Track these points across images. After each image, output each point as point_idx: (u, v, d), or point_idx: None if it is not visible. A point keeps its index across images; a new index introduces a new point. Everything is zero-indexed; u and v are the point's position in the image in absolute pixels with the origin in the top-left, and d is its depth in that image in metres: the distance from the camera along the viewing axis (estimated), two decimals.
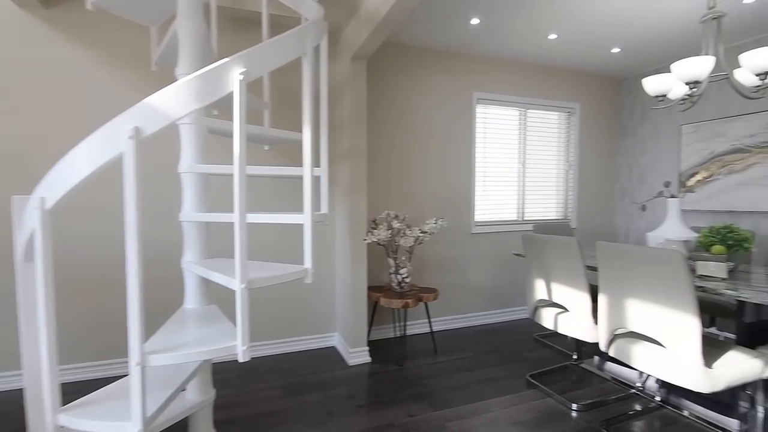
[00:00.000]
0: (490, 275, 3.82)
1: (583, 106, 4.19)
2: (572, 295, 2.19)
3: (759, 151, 3.16)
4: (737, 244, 2.15)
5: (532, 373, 2.64)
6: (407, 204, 3.45)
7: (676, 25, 2.96)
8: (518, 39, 3.25)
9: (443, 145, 3.56)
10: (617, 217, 4.43)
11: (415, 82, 3.42)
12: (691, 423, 2.06)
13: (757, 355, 1.70)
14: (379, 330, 3.36)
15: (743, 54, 1.96)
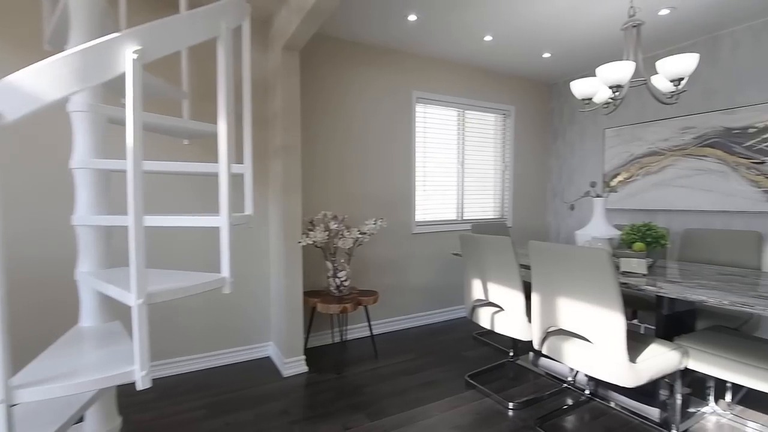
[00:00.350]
0: (431, 275, 3.81)
1: (518, 108, 4.33)
2: (507, 294, 2.20)
3: (671, 154, 3.43)
4: (655, 240, 2.28)
5: (470, 374, 2.64)
6: (346, 204, 3.33)
7: (601, 32, 3.12)
8: (455, 39, 3.26)
9: (383, 144, 3.48)
10: (549, 216, 4.63)
11: (354, 78, 3.31)
12: (617, 414, 2.14)
13: (675, 347, 1.79)
14: (318, 337, 3.21)
15: (659, 61, 2.07)
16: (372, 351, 3.07)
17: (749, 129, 2.95)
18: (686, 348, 1.81)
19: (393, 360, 2.91)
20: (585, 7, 2.71)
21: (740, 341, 1.86)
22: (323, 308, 2.68)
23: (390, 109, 3.50)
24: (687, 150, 3.32)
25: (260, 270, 2.96)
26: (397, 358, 2.95)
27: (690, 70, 2.03)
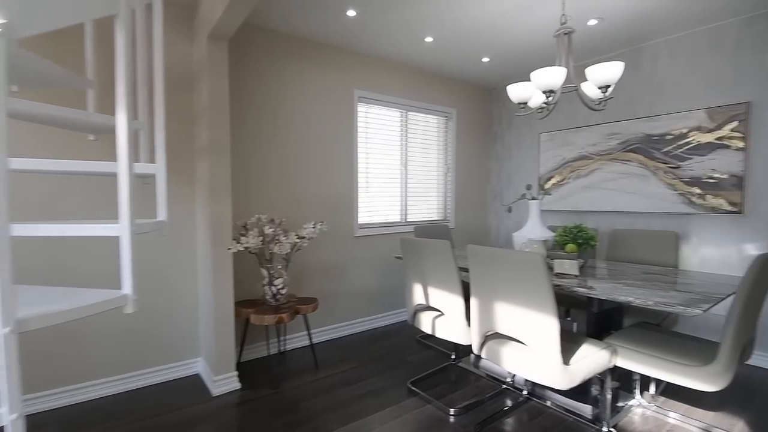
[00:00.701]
0: (375, 278, 3.73)
1: (459, 111, 4.38)
2: (447, 298, 2.16)
3: (599, 158, 3.62)
4: (586, 242, 2.36)
5: (413, 380, 2.58)
6: (285, 207, 3.15)
7: (536, 38, 3.21)
8: (396, 38, 3.20)
9: (324, 144, 3.34)
10: (490, 217, 4.74)
11: (292, 74, 3.14)
12: (553, 413, 2.18)
13: (605, 347, 1.84)
14: (253, 349, 3.00)
15: (589, 68, 2.13)
16: (312, 361, 2.92)
17: (666, 136, 3.18)
18: (615, 347, 1.87)
19: (334, 370, 2.78)
20: (520, 14, 2.76)
21: (661, 337, 1.96)
22: (257, 319, 2.50)
23: (331, 107, 3.37)
24: (613, 155, 3.53)
25: (187, 280, 2.71)
26: (339, 367, 2.83)
27: (616, 77, 2.12)
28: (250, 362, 2.92)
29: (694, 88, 3.06)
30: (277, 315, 2.50)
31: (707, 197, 2.97)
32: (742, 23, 2.82)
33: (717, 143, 2.92)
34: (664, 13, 2.77)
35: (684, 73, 3.12)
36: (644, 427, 2.04)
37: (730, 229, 2.91)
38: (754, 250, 2.80)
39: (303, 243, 2.81)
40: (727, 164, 2.87)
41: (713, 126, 2.94)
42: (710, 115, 2.95)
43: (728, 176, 2.87)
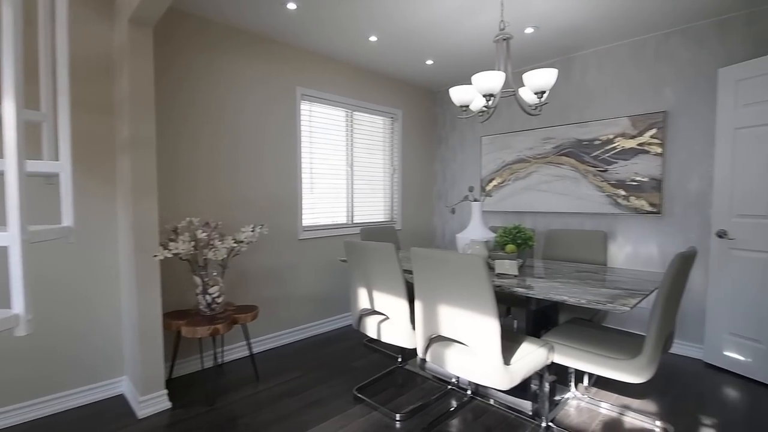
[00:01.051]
0: (320, 282, 3.62)
1: (404, 112, 4.39)
2: (392, 302, 2.13)
3: (536, 161, 3.79)
4: (524, 242, 2.44)
5: (359, 386, 2.52)
6: (222, 209, 2.95)
7: (478, 43, 3.28)
8: (340, 35, 3.13)
9: (264, 142, 3.18)
10: (435, 218, 4.81)
11: (229, 67, 2.95)
12: (496, 411, 2.22)
13: (542, 344, 1.90)
14: (186, 363, 2.78)
15: (526, 73, 2.19)
16: (252, 373, 2.76)
17: (595, 141, 3.40)
18: (552, 344, 1.94)
19: (276, 380, 2.65)
20: (462, 18, 2.80)
21: (593, 332, 2.06)
22: (189, 332, 2.30)
23: (272, 104, 3.22)
24: (548, 158, 3.70)
25: (108, 291, 2.44)
26: (281, 377, 2.69)
27: (550, 83, 2.20)
28: (182, 378, 2.69)
29: (619, 97, 3.30)
30: (212, 326, 2.33)
31: (631, 199, 3.21)
32: (660, 38, 3.08)
33: (639, 149, 3.16)
34: (592, 25, 2.95)
35: (610, 83, 3.34)
36: (579, 419, 2.14)
37: (650, 228, 3.16)
38: (671, 247, 3.06)
39: (241, 248, 2.65)
40: (648, 168, 3.12)
41: (635, 133, 3.17)
42: (633, 123, 3.19)
43: (648, 179, 3.11)
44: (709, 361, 2.82)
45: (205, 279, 2.54)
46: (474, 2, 2.60)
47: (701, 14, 2.77)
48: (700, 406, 2.27)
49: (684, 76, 2.98)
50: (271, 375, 2.73)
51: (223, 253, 2.54)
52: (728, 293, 2.69)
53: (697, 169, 2.94)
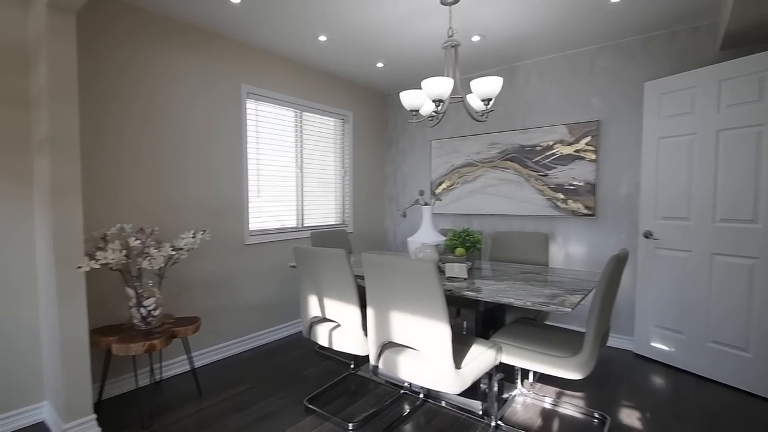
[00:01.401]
0: (269, 289, 3.48)
1: (355, 114, 4.35)
2: (343, 309, 2.08)
3: (483, 165, 3.92)
4: (473, 245, 2.50)
5: (310, 396, 2.44)
6: (158, 214, 2.74)
7: (428, 48, 3.32)
8: (288, 33, 3.03)
9: (207, 142, 3.00)
10: (387, 221, 4.82)
11: (168, 62, 2.74)
12: (448, 412, 2.25)
13: (491, 345, 1.95)
14: (119, 383, 2.55)
15: (473, 81, 2.25)
16: (195, 389, 2.59)
17: (537, 147, 3.57)
18: (499, 344, 1.99)
19: (222, 396, 2.50)
20: (411, 22, 2.82)
21: (537, 331, 2.15)
22: (121, 349, 2.11)
23: (215, 102, 3.04)
24: (494, 163, 3.84)
25: (23, 307, 2.17)
26: (227, 392, 2.55)
27: (496, 91, 2.27)
28: (114, 399, 2.47)
29: (558, 106, 3.49)
30: (148, 342, 2.15)
31: (569, 202, 3.40)
32: (594, 52, 3.30)
33: (575, 155, 3.36)
34: (534, 37, 3.09)
35: (549, 92, 3.53)
36: (525, 415, 2.22)
37: (586, 229, 3.37)
38: (605, 247, 3.29)
39: (181, 255, 2.48)
40: (583, 173, 3.33)
41: (572, 140, 3.38)
42: (570, 131, 3.39)
43: (584, 184, 3.32)
44: (638, 352, 3.06)
45: (140, 290, 2.35)
46: (423, 8, 2.62)
47: (631, 31, 3.00)
48: (632, 394, 2.46)
49: (615, 88, 3.21)
50: (216, 390, 2.57)
51: (160, 261, 2.35)
52: (654, 289, 2.94)
53: (626, 175, 3.18)
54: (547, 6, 2.60)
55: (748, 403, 2.35)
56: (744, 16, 2.29)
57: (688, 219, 2.73)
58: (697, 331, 2.69)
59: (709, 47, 2.83)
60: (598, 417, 2.19)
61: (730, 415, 2.22)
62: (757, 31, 2.48)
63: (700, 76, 2.64)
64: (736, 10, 2.22)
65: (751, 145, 2.42)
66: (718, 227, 2.58)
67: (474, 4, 2.57)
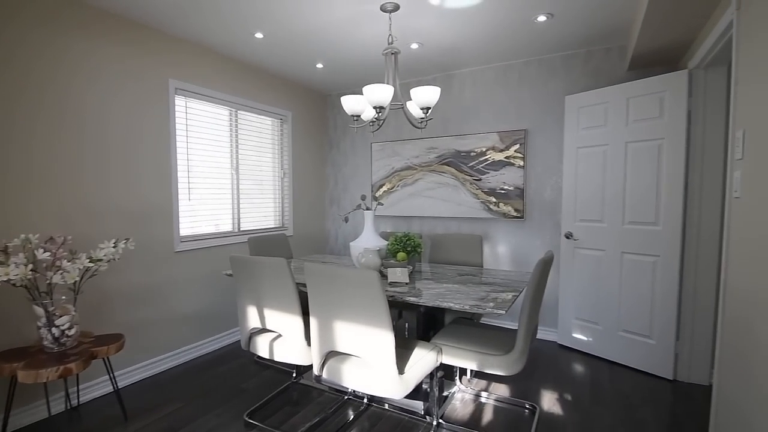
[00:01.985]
0: (202, 298, 3.29)
1: (295, 114, 4.25)
2: (285, 319, 2.04)
3: (422, 169, 4.03)
4: (413, 249, 2.56)
5: (250, 410, 2.36)
6: (73, 221, 2.47)
7: (368, 53, 3.34)
8: (221, 27, 2.88)
9: (129, 141, 2.75)
10: (328, 223, 4.77)
11: (85, 51, 2.47)
12: (392, 415, 2.30)
13: (432, 348, 2.02)
14: (31, 410, 2.26)
15: (412, 89, 2.30)
16: (119, 412, 2.37)
17: (471, 153, 3.74)
18: (440, 346, 2.07)
19: (151, 417, 2.32)
20: (351, 26, 2.82)
21: (474, 330, 2.26)
22: (29, 376, 1.87)
23: (139, 97, 2.80)
24: (432, 166, 3.97)
25: None
26: (158, 412, 2.38)
27: (434, 100, 2.34)
28: (24, 430, 2.19)
29: (490, 114, 3.69)
30: (62, 366, 1.93)
31: (500, 205, 3.62)
32: (521, 65, 3.53)
33: (506, 161, 3.58)
34: (468, 48, 3.23)
35: (483, 101, 3.72)
36: (464, 411, 2.33)
37: (516, 231, 3.61)
38: (532, 247, 3.55)
39: (100, 267, 2.26)
40: (513, 178, 3.55)
41: (503, 147, 3.59)
42: (501, 138, 3.60)
43: (514, 188, 3.55)
44: (562, 342, 3.34)
45: (51, 308, 2.10)
46: (364, 14, 2.63)
47: (552, 48, 3.25)
48: (557, 383, 2.68)
49: (540, 100, 3.47)
50: (145, 411, 2.39)
51: (75, 275, 2.13)
52: (574, 284, 3.23)
53: (550, 181, 3.45)
54: (478, 20, 2.74)
55: (653, 383, 2.67)
56: (648, 42, 2.59)
57: (602, 221, 3.04)
58: (610, 321, 3.01)
59: (619, 67, 3.16)
60: (528, 407, 2.36)
61: (639, 395, 2.52)
62: (660, 55, 2.82)
63: (612, 93, 2.94)
64: (642, 36, 2.51)
65: (653, 156, 2.75)
66: (627, 229, 2.90)
67: (412, 13, 2.63)
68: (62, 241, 2.21)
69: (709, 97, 2.56)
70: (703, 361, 2.64)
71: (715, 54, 2.27)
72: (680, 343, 2.70)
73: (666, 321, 2.71)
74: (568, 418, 2.25)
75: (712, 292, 2.59)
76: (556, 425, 2.19)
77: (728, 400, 1.71)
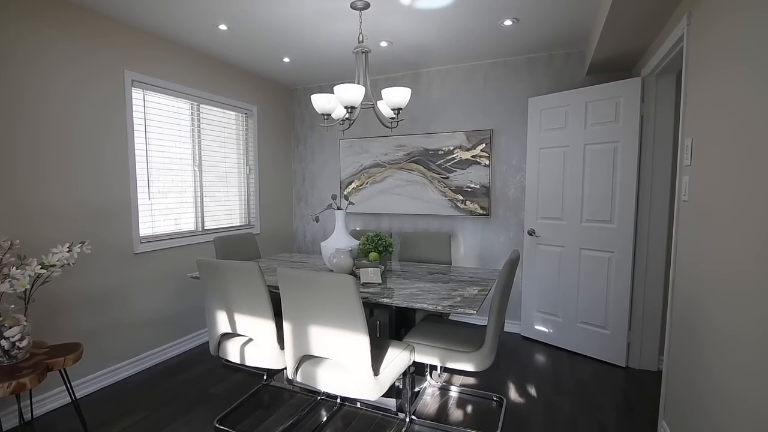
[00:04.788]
0: (165, 301, 3.16)
1: (260, 109, 4.14)
2: (257, 323, 2.00)
3: (390, 167, 4.05)
4: (385, 249, 2.59)
5: (220, 417, 2.31)
6: (18, 223, 2.29)
7: (336, 49, 3.30)
8: (182, 18, 2.74)
9: (82, 136, 2.58)
10: (296, 220, 4.71)
11: (27, 37, 2.28)
12: (365, 413, 2.33)
13: (405, 347, 2.06)
14: None
15: (384, 90, 2.31)
16: (78, 425, 2.25)
17: (439, 151, 3.81)
18: (412, 345, 2.12)
19: (113, 428, 2.22)
20: (320, 21, 2.77)
21: (445, 328, 2.33)
22: None
23: (91, 89, 2.62)
24: (400, 164, 4.00)
25: None
26: (121, 422, 2.28)
27: (405, 101, 2.36)
28: None
29: (457, 113, 3.76)
30: (14, 381, 1.80)
31: (467, 203, 3.71)
32: (487, 67, 3.61)
33: (472, 160, 3.67)
34: (436, 47, 3.27)
35: (449, 100, 3.78)
36: (435, 406, 2.40)
37: (482, 228, 3.72)
38: (497, 243, 3.67)
39: (53, 273, 2.12)
40: (479, 177, 3.65)
41: (470, 146, 3.67)
42: (468, 137, 3.68)
43: (480, 186, 3.65)
44: (524, 334, 3.50)
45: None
46: (333, 10, 2.59)
47: (516, 51, 3.35)
48: (521, 374, 2.81)
49: (505, 101, 3.57)
50: (106, 422, 2.28)
51: (25, 282, 1.99)
52: (536, 279, 3.38)
53: (514, 180, 3.58)
54: (447, 21, 2.77)
55: (608, 371, 2.87)
56: (606, 49, 2.73)
57: (562, 219, 3.19)
58: (569, 313, 3.18)
59: (579, 71, 3.31)
60: (496, 399, 2.47)
61: (596, 382, 2.69)
62: (616, 61, 2.98)
63: (572, 97, 3.08)
64: (601, 44, 2.63)
65: (609, 158, 2.91)
66: (585, 226, 3.06)
67: (382, 11, 2.62)
68: (8, 245, 2.06)
69: (659, 103, 2.74)
70: (651, 349, 2.86)
71: (666, 63, 2.43)
72: (632, 333, 2.91)
73: (619, 312, 2.90)
74: (532, 408, 2.37)
75: (660, 285, 2.80)
76: (522, 415, 2.30)
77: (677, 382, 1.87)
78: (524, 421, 2.25)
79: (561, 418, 2.28)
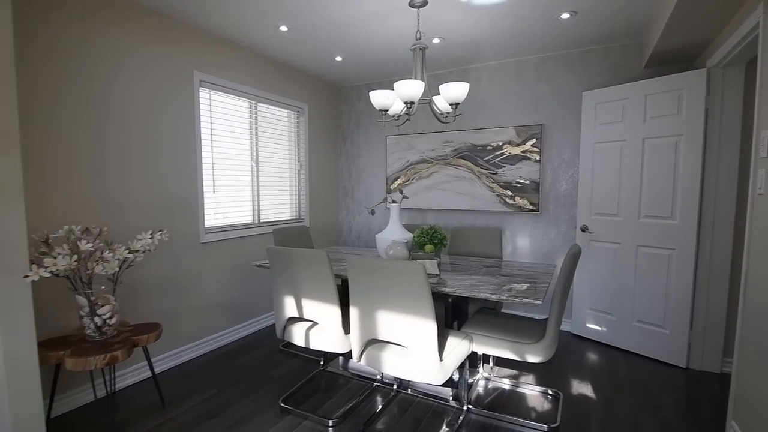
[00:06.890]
0: (226, 288, 3.35)
1: (310, 107, 4.28)
2: (323, 308, 2.11)
3: (437, 162, 4.08)
4: (440, 241, 2.63)
5: (284, 396, 2.44)
6: (105, 213, 2.51)
7: (388, 47, 3.37)
8: (248, 21, 2.90)
9: (156, 134, 2.78)
10: (341, 215, 4.83)
11: (112, 42, 2.48)
12: (421, 401, 2.39)
13: (464, 336, 2.10)
14: (69, 398, 2.33)
15: (443, 85, 2.35)
16: (157, 398, 2.45)
17: (487, 147, 3.81)
18: (471, 335, 2.16)
19: (188, 403, 2.40)
20: (376, 20, 2.85)
21: (500, 320, 2.35)
22: (77, 364, 1.93)
23: (167, 90, 2.83)
24: (448, 160, 4.03)
25: None
26: (193, 398, 2.45)
27: (463, 96, 2.40)
28: (67, 415, 2.25)
29: (507, 108, 3.75)
30: (108, 354, 1.99)
31: (516, 198, 3.69)
32: (539, 61, 3.58)
33: (522, 155, 3.65)
34: (487, 42, 3.27)
35: (499, 95, 3.77)
36: (489, 397, 2.43)
37: (532, 224, 3.69)
38: (547, 240, 3.63)
39: (137, 257, 2.31)
40: (529, 173, 3.63)
41: (519, 141, 3.65)
42: (518, 132, 3.66)
43: (530, 182, 3.63)
44: (575, 332, 3.45)
45: (92, 298, 2.16)
46: (391, 9, 2.66)
47: (570, 44, 3.30)
48: (575, 371, 2.79)
49: (557, 95, 3.52)
50: (181, 398, 2.46)
51: (115, 265, 2.18)
52: (589, 276, 3.32)
53: (566, 175, 3.53)
54: (502, 16, 2.78)
55: (668, 371, 2.79)
56: (670, 40, 2.65)
57: (618, 215, 3.12)
58: (625, 312, 3.11)
59: (636, 64, 3.22)
60: (552, 393, 2.47)
61: (656, 382, 2.63)
62: (677, 53, 2.88)
63: (630, 90, 3.01)
64: (664, 36, 2.56)
65: (670, 152, 2.83)
66: (643, 222, 2.98)
67: (439, 8, 2.66)
68: (98, 232, 2.26)
69: (726, 95, 2.63)
70: (715, 350, 2.75)
71: (735, 54, 2.34)
72: (693, 333, 2.81)
73: (680, 312, 2.82)
74: (591, 404, 2.36)
75: (725, 283, 2.69)
76: (580, 410, 2.29)
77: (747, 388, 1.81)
78: (583, 416, 2.24)
79: (621, 414, 2.25)
